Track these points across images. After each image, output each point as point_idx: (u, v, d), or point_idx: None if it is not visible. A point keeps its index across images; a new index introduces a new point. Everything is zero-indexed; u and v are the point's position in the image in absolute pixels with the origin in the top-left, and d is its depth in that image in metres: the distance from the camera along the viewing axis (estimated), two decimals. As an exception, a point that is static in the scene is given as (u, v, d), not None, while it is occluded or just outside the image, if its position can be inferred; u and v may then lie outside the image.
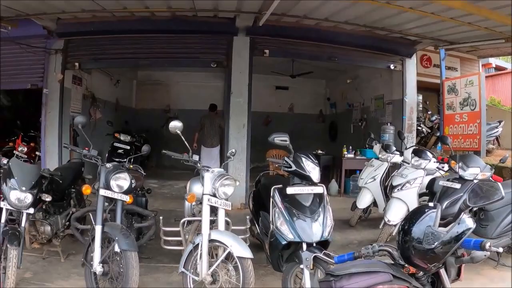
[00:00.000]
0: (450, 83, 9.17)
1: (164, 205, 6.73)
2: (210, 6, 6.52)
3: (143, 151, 4.86)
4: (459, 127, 8.99)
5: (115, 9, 6.56)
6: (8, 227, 3.60)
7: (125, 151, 8.45)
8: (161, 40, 7.63)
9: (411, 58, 8.42)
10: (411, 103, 8.52)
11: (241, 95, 7.55)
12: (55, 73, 7.60)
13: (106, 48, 7.76)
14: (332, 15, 6.68)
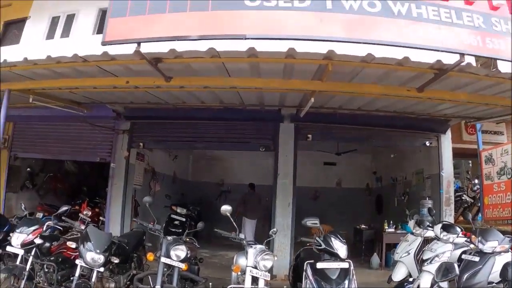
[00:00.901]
0: (487, 153, 9.54)
1: (214, 273, 7.29)
2: (256, 102, 7.56)
3: (198, 227, 5.76)
4: (498, 197, 9.21)
5: (175, 103, 7.73)
6: (81, 281, 4.61)
7: (181, 222, 9.07)
8: (214, 126, 8.64)
9: (445, 134, 9.01)
10: (448, 177, 8.97)
11: (287, 177, 8.35)
12: (122, 151, 8.82)
13: (167, 131, 8.91)
14: (363, 106, 7.54)
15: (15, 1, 11.81)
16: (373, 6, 4.46)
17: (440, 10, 4.72)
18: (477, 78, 5.24)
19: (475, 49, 4.70)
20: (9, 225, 6.34)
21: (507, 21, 5.11)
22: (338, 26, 4.33)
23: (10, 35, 11.85)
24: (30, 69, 5.89)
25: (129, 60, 5.14)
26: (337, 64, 4.71)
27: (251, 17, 4.39)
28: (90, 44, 7.11)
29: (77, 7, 10.84)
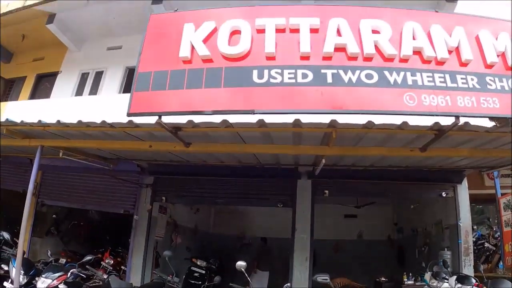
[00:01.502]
0: (506, 200, 9.61)
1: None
2: (272, 161, 8.05)
3: (215, 281, 6.21)
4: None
5: (196, 161, 8.29)
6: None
7: (200, 275, 9.41)
8: (233, 182, 9.14)
9: (461, 184, 9.19)
10: (466, 226, 9.06)
11: (304, 232, 8.68)
12: (145, 204, 9.32)
13: (188, 186, 9.45)
14: (375, 163, 7.93)
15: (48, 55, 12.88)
16: (371, 77, 4.97)
17: (435, 76, 5.16)
18: (477, 134, 5.60)
19: (470, 110, 5.09)
20: (34, 269, 6.81)
21: (501, 78, 5.52)
22: (338, 98, 4.84)
23: (41, 87, 12.82)
24: (62, 129, 6.44)
25: (152, 128, 5.69)
26: (341, 131, 5.17)
27: (259, 93, 4.95)
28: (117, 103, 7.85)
29: (105, 65, 11.82)
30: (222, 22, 5.54)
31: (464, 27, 5.70)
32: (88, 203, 10.21)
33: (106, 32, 11.91)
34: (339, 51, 5.13)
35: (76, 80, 12.01)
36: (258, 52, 5.22)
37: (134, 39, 10.12)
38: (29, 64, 13.14)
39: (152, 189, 9.48)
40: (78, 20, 11.53)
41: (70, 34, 11.97)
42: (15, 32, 12.16)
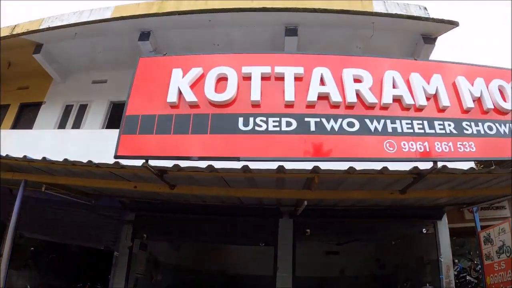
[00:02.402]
0: (485, 234, 9.99)
1: None
2: (255, 202, 8.24)
3: None
4: (499, 275, 9.56)
5: (179, 200, 8.38)
6: None
7: None
8: (216, 221, 9.21)
9: (441, 220, 9.51)
10: (447, 261, 9.38)
11: (286, 270, 8.79)
12: (126, 240, 9.30)
13: (170, 224, 9.49)
14: (357, 203, 8.20)
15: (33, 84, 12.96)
16: (352, 125, 5.28)
17: (414, 123, 5.51)
18: (454, 176, 5.95)
19: (447, 154, 5.42)
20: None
21: (477, 123, 5.91)
22: (321, 145, 5.14)
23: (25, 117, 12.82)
24: (47, 165, 6.57)
25: (138, 170, 5.89)
26: (323, 176, 5.45)
27: (244, 140, 5.20)
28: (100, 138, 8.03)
29: (90, 98, 11.98)
30: (210, 69, 5.81)
31: (442, 74, 6.12)
32: (68, 237, 10.11)
33: (92, 65, 12.14)
34: (322, 99, 5.45)
35: (59, 111, 12.11)
36: (244, 99, 5.49)
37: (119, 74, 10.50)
38: (14, 92, 13.16)
39: (133, 226, 9.53)
40: (64, 52, 11.76)
41: (56, 65, 12.17)
42: (2, 59, 12.22)
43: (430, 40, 9.77)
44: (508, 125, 6.16)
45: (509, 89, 6.47)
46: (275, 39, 9.89)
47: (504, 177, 6.47)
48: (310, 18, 9.68)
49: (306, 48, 9.69)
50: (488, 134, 5.93)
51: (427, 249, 9.98)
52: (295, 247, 9.10)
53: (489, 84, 6.36)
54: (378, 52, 6.41)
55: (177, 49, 10.38)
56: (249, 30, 10.20)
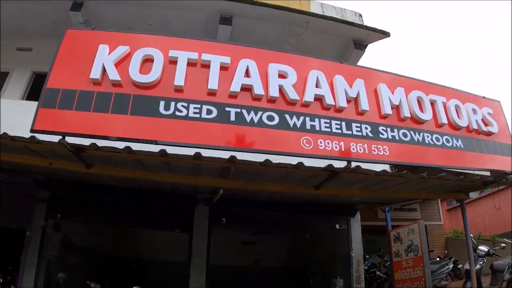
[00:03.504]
0: (395, 233, 10.84)
1: None
2: (171, 187, 8.32)
3: None
4: (407, 272, 10.44)
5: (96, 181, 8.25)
6: None
7: None
8: (132, 204, 9.12)
9: (354, 217, 10.07)
10: (358, 256, 10.03)
11: (200, 257, 8.94)
12: (39, 219, 8.92)
13: (86, 205, 9.24)
14: (273, 195, 8.46)
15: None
16: (272, 119, 5.51)
17: (332, 122, 5.84)
18: (367, 177, 6.40)
19: (361, 155, 5.81)
20: None
21: (393, 129, 6.37)
22: (239, 136, 5.35)
23: None
24: None
25: (54, 146, 5.77)
26: (239, 166, 5.67)
27: (164, 124, 5.26)
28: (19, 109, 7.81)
29: (12, 66, 11.45)
30: (137, 49, 5.78)
31: (365, 79, 6.50)
32: (-25, 215, 9.55)
33: (18, 31, 11.59)
34: (245, 91, 5.59)
35: (-23, 77, 11.47)
36: (168, 83, 5.52)
37: (46, 43, 10.08)
38: None
39: (47, 204, 9.19)
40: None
41: (-22, 27, 11.48)
42: None
43: (361, 46, 10.31)
44: (422, 134, 6.70)
45: (427, 100, 7.03)
46: (209, 26, 10.01)
47: (415, 182, 7.02)
48: (246, 9, 9.87)
49: (239, 38, 9.83)
50: (403, 140, 6.41)
51: (340, 244, 10.55)
52: (210, 235, 9.26)
53: (409, 94, 6.87)
54: (310, 52, 6.71)
55: (109, 25, 10.13)
56: (184, 14, 10.23)
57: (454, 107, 7.42)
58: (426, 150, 6.67)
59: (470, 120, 7.49)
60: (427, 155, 6.69)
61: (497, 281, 9.81)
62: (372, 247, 17.50)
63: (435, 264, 12.80)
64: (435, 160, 6.77)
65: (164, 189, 8.50)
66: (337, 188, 7.12)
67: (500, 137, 7.83)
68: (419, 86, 7.18)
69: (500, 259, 10.24)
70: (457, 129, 7.29)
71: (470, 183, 7.65)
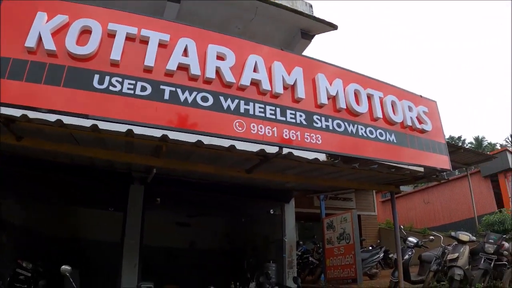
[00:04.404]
0: (329, 220, 11.34)
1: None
2: (106, 164, 8.29)
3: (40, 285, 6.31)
4: (338, 259, 11.01)
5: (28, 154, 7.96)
6: None
7: (26, 278, 9.01)
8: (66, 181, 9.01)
9: (289, 203, 10.39)
10: (291, 242, 10.41)
11: (133, 238, 8.94)
12: None
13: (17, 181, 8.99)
14: (207, 176, 8.65)
15: None
16: (206, 100, 5.61)
17: (267, 108, 6.02)
18: (300, 164, 6.67)
19: (293, 142, 6.05)
20: None
21: (328, 119, 6.65)
22: (172, 115, 5.48)
23: None
24: None
25: None
26: (171, 146, 5.76)
27: (97, 98, 5.25)
28: None
29: None
30: (76, 19, 5.68)
31: (304, 68, 6.72)
32: None
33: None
34: (182, 70, 5.63)
35: None
36: (104, 56, 5.47)
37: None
38: None
39: None
40: None
41: None
42: None
43: (308, 36, 10.55)
44: (356, 126, 7.02)
45: (364, 94, 7.36)
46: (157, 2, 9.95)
47: (347, 172, 7.37)
48: (196, -12, 9.75)
49: (187, 18, 9.72)
50: (337, 130, 6.70)
51: (274, 229, 10.89)
52: (145, 215, 9.27)
53: (346, 86, 7.15)
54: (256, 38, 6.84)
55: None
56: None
57: (391, 103, 7.75)
58: (359, 141, 6.98)
59: (405, 116, 7.85)
60: (360, 146, 7.00)
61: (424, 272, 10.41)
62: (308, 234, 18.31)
63: (367, 253, 13.45)
64: (368, 152, 7.09)
65: (99, 166, 8.42)
66: (269, 173, 7.36)
67: (433, 135, 8.26)
68: (358, 80, 7.48)
69: (429, 251, 10.84)
70: (391, 124, 7.62)
71: (400, 176, 8.08)
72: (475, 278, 9.70)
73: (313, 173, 7.42)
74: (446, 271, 10.00)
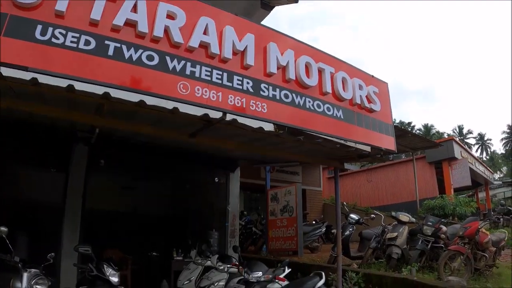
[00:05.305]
0: (273, 192, 11.72)
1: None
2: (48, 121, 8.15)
3: None
4: (280, 231, 11.42)
5: None
6: None
7: None
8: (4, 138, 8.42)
9: (234, 172, 10.66)
10: (234, 211, 10.67)
11: (75, 200, 8.99)
12: None
13: None
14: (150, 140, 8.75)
15: None
16: (152, 59, 5.58)
17: (214, 72, 6.05)
18: (244, 132, 6.80)
19: (238, 109, 6.18)
20: None
21: (275, 88, 6.80)
22: (115, 72, 5.47)
23: None
24: None
25: None
26: (114, 104, 5.71)
27: (39, 50, 5.10)
28: None
29: None
30: None
31: (256, 36, 6.76)
32: None
33: None
34: (129, 26, 5.55)
35: None
36: (49, 7, 5.28)
37: None
38: None
39: None
40: None
41: None
42: None
43: (267, 7, 10.59)
44: (304, 98, 7.21)
45: (315, 67, 7.53)
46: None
47: (291, 144, 7.58)
48: None
49: None
50: (283, 100, 6.85)
51: (218, 197, 11.14)
52: (88, 177, 9.22)
53: (298, 58, 7.29)
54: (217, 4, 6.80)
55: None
56: None
57: (341, 79, 7.95)
58: (305, 114, 7.16)
59: (354, 94, 8.08)
60: (307, 119, 7.19)
61: (364, 248, 10.90)
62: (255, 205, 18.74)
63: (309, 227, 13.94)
64: (314, 126, 7.29)
65: (40, 123, 8.27)
66: (213, 140, 7.47)
67: (381, 115, 8.55)
68: (310, 53, 7.62)
69: (369, 229, 11.32)
70: (340, 100, 7.84)
71: (345, 153, 8.35)
72: (412, 257, 10.21)
73: (258, 143, 7.58)
74: (384, 249, 10.49)
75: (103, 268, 6.17)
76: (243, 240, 14.32)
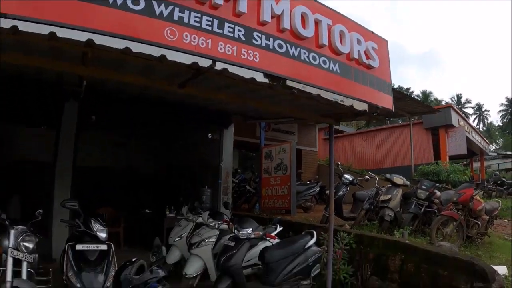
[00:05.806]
0: (267, 150, 11.65)
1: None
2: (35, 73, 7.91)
3: None
4: (273, 189, 11.41)
5: None
6: None
7: None
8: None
9: (228, 129, 10.60)
10: (227, 168, 10.62)
11: (66, 158, 8.96)
12: None
13: None
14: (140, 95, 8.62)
15: None
16: (137, 4, 5.34)
17: (203, 18, 5.76)
18: (236, 82, 6.63)
19: (228, 57, 5.97)
20: None
21: (269, 37, 6.58)
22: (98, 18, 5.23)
23: None
24: None
25: None
26: (99, 52, 5.43)
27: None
28: None
29: None
30: None
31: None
32: None
33: None
34: None
35: None
36: None
37: None
38: None
39: None
40: None
41: None
42: None
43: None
44: (299, 49, 7.00)
45: (312, 18, 7.28)
46: None
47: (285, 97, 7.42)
48: None
49: None
50: (277, 51, 6.62)
51: (211, 154, 11.12)
52: (79, 133, 9.19)
53: (294, 8, 7.01)
54: None
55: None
56: None
57: (339, 32, 7.67)
58: (300, 65, 6.94)
59: (352, 48, 7.82)
60: (301, 71, 6.98)
61: (357, 209, 10.91)
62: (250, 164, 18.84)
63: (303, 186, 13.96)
64: (309, 79, 7.09)
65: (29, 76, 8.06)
66: (203, 90, 7.30)
67: (380, 72, 8.33)
68: (307, 4, 7.34)
69: (363, 190, 11.29)
70: (337, 54, 7.60)
71: (340, 110, 8.19)
72: (404, 220, 10.25)
73: (251, 95, 7.41)
74: (377, 211, 10.51)
75: (90, 224, 6.10)
76: (237, 198, 14.47)
